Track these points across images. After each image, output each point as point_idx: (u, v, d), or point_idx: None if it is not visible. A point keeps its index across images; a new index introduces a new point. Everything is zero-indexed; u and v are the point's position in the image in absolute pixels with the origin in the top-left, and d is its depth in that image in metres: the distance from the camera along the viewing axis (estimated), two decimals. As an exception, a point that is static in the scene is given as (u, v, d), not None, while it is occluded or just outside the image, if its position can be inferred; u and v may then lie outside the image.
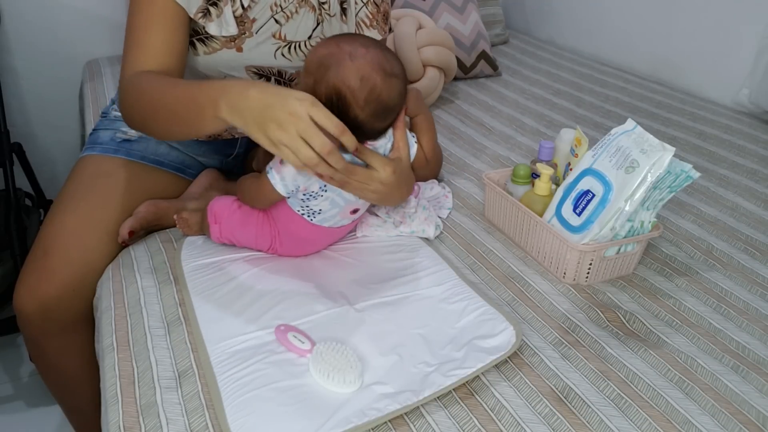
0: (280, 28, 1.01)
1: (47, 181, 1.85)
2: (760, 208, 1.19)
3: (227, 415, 0.68)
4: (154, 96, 0.86)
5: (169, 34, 0.91)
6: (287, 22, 1.01)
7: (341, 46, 0.82)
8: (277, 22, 1.00)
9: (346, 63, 0.81)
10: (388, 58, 0.84)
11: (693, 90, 1.83)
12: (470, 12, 1.91)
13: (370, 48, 0.82)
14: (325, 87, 0.81)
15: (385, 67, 0.82)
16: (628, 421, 0.71)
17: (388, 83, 0.82)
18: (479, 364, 0.75)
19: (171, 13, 0.91)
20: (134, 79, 0.89)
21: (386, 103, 0.84)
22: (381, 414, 0.68)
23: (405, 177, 0.91)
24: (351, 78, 0.80)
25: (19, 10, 1.81)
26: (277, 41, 1.01)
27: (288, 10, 1.00)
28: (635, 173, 0.87)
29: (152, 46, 0.90)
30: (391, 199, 0.92)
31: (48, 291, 0.97)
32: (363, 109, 0.82)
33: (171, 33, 0.91)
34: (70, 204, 1.02)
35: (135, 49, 0.91)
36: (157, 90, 0.86)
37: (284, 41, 1.02)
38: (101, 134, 1.12)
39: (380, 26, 1.06)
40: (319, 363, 0.72)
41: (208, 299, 0.86)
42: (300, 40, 1.03)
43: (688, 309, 0.91)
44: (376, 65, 0.82)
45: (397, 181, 0.88)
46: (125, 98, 0.91)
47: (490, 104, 1.72)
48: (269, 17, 0.99)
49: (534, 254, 1.01)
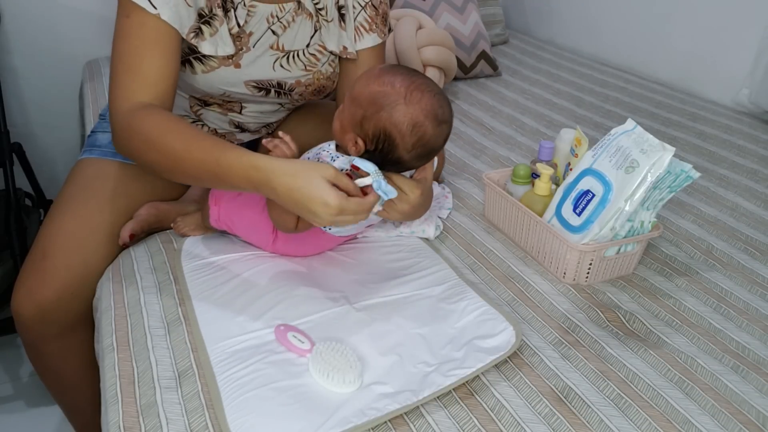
0: (278, 38, 0.99)
1: (47, 181, 1.85)
2: (760, 208, 1.19)
3: (227, 415, 0.68)
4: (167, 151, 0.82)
5: (162, 59, 0.87)
6: (284, 32, 1.00)
7: (396, 86, 0.80)
8: (274, 33, 0.99)
9: (399, 107, 0.80)
10: (442, 104, 0.82)
11: (693, 90, 1.83)
12: (470, 12, 1.91)
13: (425, 93, 0.81)
14: (374, 125, 0.81)
15: (438, 114, 0.81)
16: (628, 421, 0.71)
17: (438, 131, 0.82)
18: (479, 364, 0.75)
19: (163, 36, 0.87)
20: (132, 119, 0.84)
21: (432, 148, 0.84)
22: (380, 414, 0.68)
23: (428, 195, 0.91)
24: (404, 124, 0.80)
25: (19, 10, 1.81)
26: (275, 52, 1.00)
27: (285, 20, 0.98)
28: (635, 173, 0.87)
29: (146, 74, 0.86)
30: (414, 216, 0.92)
31: (46, 295, 0.96)
32: (409, 152, 0.82)
33: (165, 57, 0.87)
34: (68, 207, 1.02)
35: (127, 76, 0.86)
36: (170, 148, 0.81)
37: (282, 51, 1.01)
38: (99, 137, 1.12)
39: (379, 29, 1.05)
40: (319, 363, 0.72)
41: (208, 299, 0.86)
42: (298, 49, 1.02)
43: (688, 309, 0.91)
44: (430, 113, 0.81)
45: (423, 200, 0.88)
46: (122, 135, 0.86)
47: (490, 104, 1.72)
48: (266, 29, 0.98)
49: (534, 254, 1.01)
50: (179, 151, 0.81)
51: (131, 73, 0.86)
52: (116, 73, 0.88)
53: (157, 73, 0.87)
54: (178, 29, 0.88)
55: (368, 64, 1.05)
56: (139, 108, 0.85)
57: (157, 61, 0.87)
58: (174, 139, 0.81)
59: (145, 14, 0.85)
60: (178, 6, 0.87)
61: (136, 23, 0.86)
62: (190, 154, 0.80)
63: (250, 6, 0.95)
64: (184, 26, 0.89)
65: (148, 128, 0.83)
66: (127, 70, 0.86)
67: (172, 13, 0.87)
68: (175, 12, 0.87)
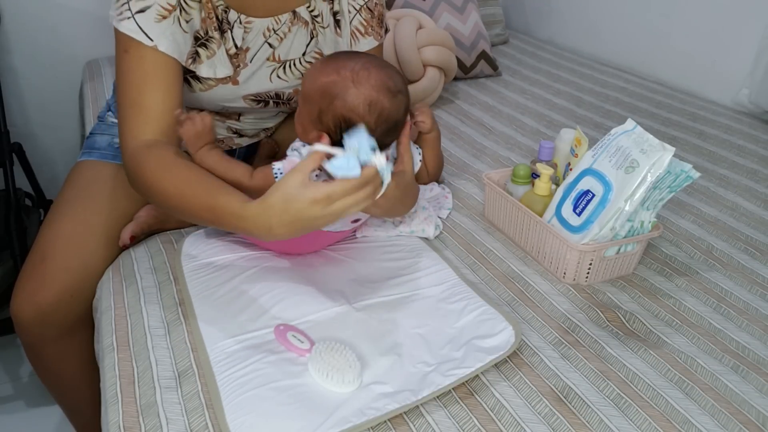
0: (274, 50, 0.99)
1: (47, 181, 1.85)
2: (760, 208, 1.19)
3: (227, 415, 0.68)
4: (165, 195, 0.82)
5: (165, 92, 0.87)
6: (281, 43, 0.99)
7: (341, 72, 0.81)
8: (270, 45, 0.98)
9: (350, 91, 0.80)
10: (391, 76, 0.83)
11: (693, 90, 1.83)
12: (470, 12, 1.91)
13: (372, 69, 0.81)
14: (332, 116, 0.81)
15: (389, 86, 0.82)
16: (628, 421, 0.71)
17: (395, 102, 0.83)
18: (478, 364, 0.75)
19: (163, 68, 0.86)
20: (140, 157, 0.84)
21: (396, 121, 0.84)
22: (380, 413, 0.68)
23: (409, 190, 0.91)
24: (359, 105, 0.80)
25: (19, 10, 1.81)
26: (272, 64, 1.00)
27: (281, 31, 0.98)
28: (635, 173, 0.87)
29: (149, 109, 0.86)
30: (395, 212, 0.92)
31: (46, 298, 0.96)
32: (374, 131, 0.81)
33: (167, 90, 0.87)
34: (67, 210, 1.01)
35: (132, 113, 0.86)
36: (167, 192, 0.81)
37: (279, 62, 1.00)
38: (98, 139, 1.11)
39: (375, 31, 1.04)
40: (318, 362, 0.72)
41: (207, 299, 0.86)
42: (294, 58, 1.01)
43: (688, 309, 0.91)
44: (382, 87, 0.81)
45: (401, 194, 0.87)
46: (129, 174, 0.87)
47: (490, 104, 1.72)
48: (262, 43, 0.97)
49: (534, 254, 1.01)
50: (174, 196, 0.81)
51: (135, 110, 0.86)
52: (122, 110, 0.87)
53: (160, 106, 0.86)
54: (178, 58, 0.88)
55: None
56: (144, 147, 0.85)
57: (160, 95, 0.86)
58: (169, 183, 0.81)
59: (143, 47, 0.85)
60: (175, 34, 0.87)
61: (134, 57, 0.86)
62: (185, 199, 0.80)
63: (246, 23, 0.94)
64: (182, 53, 0.89)
65: (149, 170, 0.83)
66: (131, 106, 0.86)
67: (170, 43, 0.86)
68: (172, 41, 0.86)
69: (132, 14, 0.84)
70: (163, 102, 0.86)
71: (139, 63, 0.85)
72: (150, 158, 0.84)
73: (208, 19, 0.90)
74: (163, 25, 0.85)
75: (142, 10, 0.84)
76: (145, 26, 0.85)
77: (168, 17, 0.86)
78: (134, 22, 0.84)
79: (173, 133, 0.88)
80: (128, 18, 0.84)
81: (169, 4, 0.86)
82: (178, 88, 0.89)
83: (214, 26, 0.91)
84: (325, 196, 0.71)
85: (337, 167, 0.72)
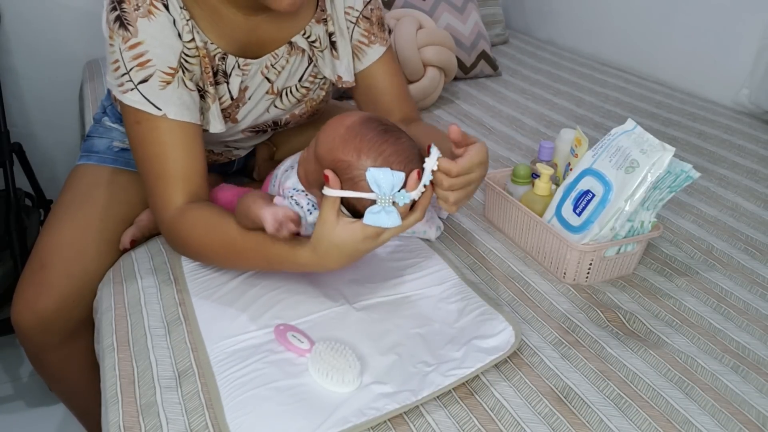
0: (272, 84, 0.97)
1: (47, 181, 1.85)
2: (760, 208, 1.19)
3: (227, 415, 0.68)
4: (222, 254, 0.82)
5: (187, 156, 0.85)
6: (278, 76, 0.97)
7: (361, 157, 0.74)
8: (268, 80, 0.96)
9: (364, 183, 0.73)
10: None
11: (693, 90, 1.83)
12: (470, 12, 1.91)
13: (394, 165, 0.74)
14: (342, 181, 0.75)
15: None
16: (628, 421, 0.71)
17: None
18: (478, 364, 0.75)
19: (179, 133, 0.84)
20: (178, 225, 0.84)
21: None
22: (380, 413, 0.68)
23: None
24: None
25: (19, 10, 1.81)
26: (270, 96, 0.98)
27: (278, 65, 0.95)
28: (635, 173, 0.87)
29: (175, 176, 0.84)
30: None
31: (47, 305, 0.96)
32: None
33: (188, 152, 0.85)
34: (67, 215, 1.01)
35: (160, 183, 0.84)
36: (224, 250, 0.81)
37: (276, 93, 0.99)
38: (96, 142, 1.11)
39: (379, 37, 1.01)
40: (318, 362, 0.72)
41: (208, 299, 0.86)
42: (290, 85, 0.99)
43: (688, 309, 0.91)
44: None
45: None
46: (174, 242, 0.86)
47: (490, 104, 1.72)
48: (261, 80, 0.95)
49: (534, 254, 1.01)
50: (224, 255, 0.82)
51: (162, 181, 0.84)
52: (148, 182, 0.86)
53: (186, 170, 0.85)
54: (189, 120, 0.85)
55: (382, 75, 1.02)
56: (178, 215, 0.84)
57: (182, 160, 0.84)
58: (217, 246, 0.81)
59: (153, 118, 0.83)
60: (182, 97, 0.84)
61: (147, 129, 0.84)
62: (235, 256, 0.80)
63: (244, 66, 0.92)
64: (193, 113, 0.86)
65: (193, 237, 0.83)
66: (157, 179, 0.85)
67: (178, 108, 0.83)
68: (180, 105, 0.84)
69: (135, 85, 0.81)
70: (187, 165, 0.85)
71: (154, 134, 0.83)
72: (187, 225, 0.83)
73: (204, 74, 0.88)
74: (168, 92, 0.83)
75: (144, 80, 0.81)
76: (151, 96, 0.82)
77: (172, 82, 0.83)
78: (138, 93, 0.82)
79: (203, 187, 0.87)
80: (131, 90, 0.82)
81: (170, 68, 0.83)
82: (198, 145, 0.87)
83: (210, 81, 0.88)
84: (375, 233, 0.71)
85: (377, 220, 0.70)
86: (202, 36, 0.86)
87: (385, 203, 0.70)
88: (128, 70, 0.81)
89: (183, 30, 0.83)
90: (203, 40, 0.86)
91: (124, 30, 0.80)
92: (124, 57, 0.81)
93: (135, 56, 0.81)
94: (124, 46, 0.81)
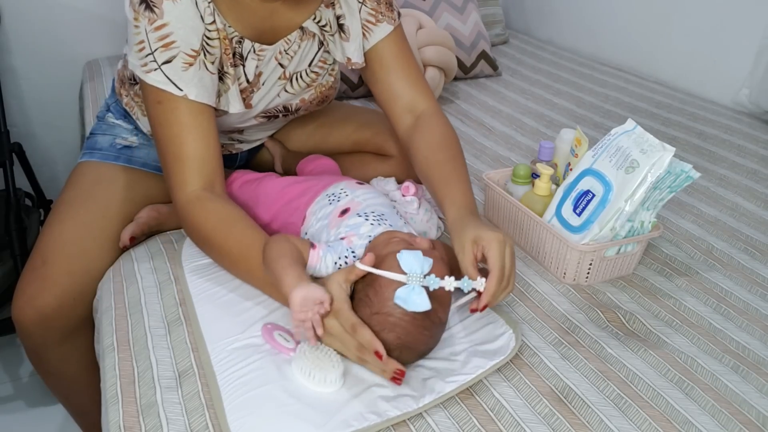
0: (285, 69, 0.99)
1: (47, 181, 1.85)
2: (760, 208, 1.19)
3: (227, 415, 0.68)
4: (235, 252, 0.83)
5: (204, 138, 0.87)
6: (291, 61, 0.99)
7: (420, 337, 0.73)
8: (281, 65, 0.98)
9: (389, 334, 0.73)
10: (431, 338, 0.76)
11: (693, 90, 1.83)
12: (470, 12, 1.91)
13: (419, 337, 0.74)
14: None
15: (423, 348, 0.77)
16: (628, 421, 0.71)
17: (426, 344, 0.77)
18: (479, 371, 0.75)
19: (198, 115, 0.86)
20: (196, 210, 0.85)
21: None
22: (381, 419, 0.68)
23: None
24: (392, 340, 0.73)
25: (19, 10, 1.81)
26: (282, 81, 1.00)
27: (291, 50, 0.97)
28: (635, 173, 0.87)
29: (192, 158, 0.86)
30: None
31: (48, 301, 0.96)
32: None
33: (205, 136, 0.87)
34: (68, 212, 1.01)
35: (178, 165, 0.86)
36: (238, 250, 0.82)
37: (287, 78, 1.00)
38: (99, 139, 1.11)
39: (386, 16, 1.00)
40: (302, 361, 0.72)
41: (208, 299, 0.86)
42: (300, 70, 1.01)
43: (688, 309, 0.91)
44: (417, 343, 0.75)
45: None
46: (188, 224, 0.87)
47: (490, 104, 1.72)
48: (275, 66, 0.97)
49: (534, 254, 1.01)
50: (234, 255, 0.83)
51: (180, 162, 0.86)
52: (166, 164, 0.88)
53: (203, 153, 0.87)
54: (208, 102, 0.87)
55: (389, 53, 1.01)
56: (197, 199, 0.85)
57: (200, 142, 0.86)
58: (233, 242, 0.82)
59: (175, 98, 0.85)
60: (203, 79, 0.86)
61: (168, 109, 0.86)
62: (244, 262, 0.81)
63: (260, 51, 0.94)
64: (212, 95, 0.88)
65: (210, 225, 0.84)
66: (175, 160, 0.86)
67: (199, 90, 0.86)
68: (200, 87, 0.86)
69: (158, 65, 0.84)
70: (204, 148, 0.87)
71: (174, 114, 0.86)
72: (201, 214, 0.85)
73: (224, 55, 0.90)
74: (190, 73, 0.85)
75: (168, 61, 0.84)
76: (174, 77, 0.84)
77: (194, 63, 0.85)
78: (162, 74, 0.84)
79: (220, 174, 0.89)
80: (155, 69, 0.84)
81: (192, 50, 0.85)
82: (214, 130, 0.89)
83: (230, 62, 0.91)
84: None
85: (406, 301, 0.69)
86: (222, 19, 0.88)
87: (415, 283, 0.70)
88: (153, 51, 0.83)
89: (204, 12, 0.85)
90: (223, 22, 0.89)
91: (150, 12, 0.82)
92: (150, 38, 0.83)
93: (160, 37, 0.83)
94: (150, 27, 0.82)
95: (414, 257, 0.71)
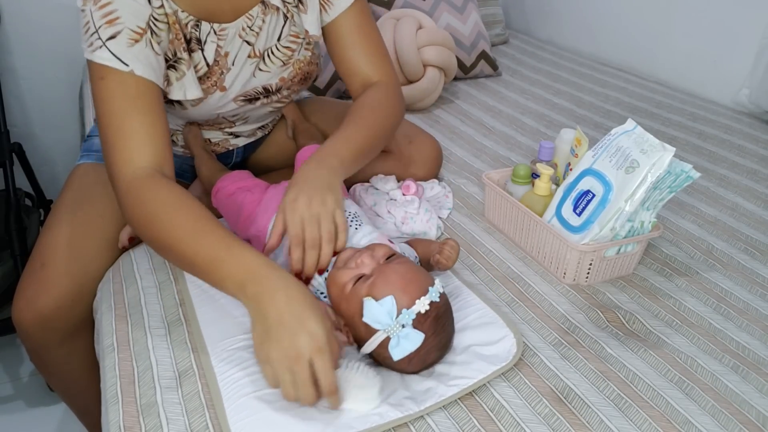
0: (253, 46, 0.97)
1: (47, 181, 1.85)
2: (760, 208, 1.19)
3: (227, 416, 0.68)
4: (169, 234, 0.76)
5: (151, 114, 0.82)
6: (257, 38, 0.97)
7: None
8: (248, 43, 0.96)
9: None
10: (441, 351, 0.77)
11: (693, 90, 1.83)
12: (470, 12, 1.91)
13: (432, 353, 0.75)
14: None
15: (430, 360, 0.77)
16: (628, 421, 0.71)
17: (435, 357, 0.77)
18: (480, 375, 0.75)
19: (144, 91, 0.82)
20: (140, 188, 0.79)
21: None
22: (383, 421, 0.68)
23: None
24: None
25: (19, 10, 1.80)
26: (254, 60, 0.98)
27: (255, 26, 0.95)
28: (635, 173, 0.87)
29: (138, 134, 0.81)
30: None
31: (47, 303, 0.96)
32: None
33: (152, 113, 0.83)
34: (67, 214, 1.01)
35: (121, 139, 0.81)
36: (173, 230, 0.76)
37: (259, 56, 0.98)
38: (96, 141, 1.11)
39: None
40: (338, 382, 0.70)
41: (208, 299, 0.86)
42: (270, 46, 0.99)
43: (688, 309, 0.91)
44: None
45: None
46: (127, 202, 0.80)
47: (490, 104, 1.72)
48: (240, 43, 0.95)
49: (534, 254, 1.01)
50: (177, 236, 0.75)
51: (123, 137, 0.81)
52: (107, 140, 0.82)
53: (149, 130, 0.82)
54: (155, 81, 0.84)
55: (349, 27, 0.99)
56: (145, 177, 0.80)
57: (147, 118, 0.82)
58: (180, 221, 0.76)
59: (119, 73, 0.81)
60: (149, 57, 0.84)
61: (112, 84, 0.82)
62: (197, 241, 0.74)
63: (221, 31, 0.92)
64: (159, 77, 0.85)
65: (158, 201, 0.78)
66: (118, 134, 0.81)
67: (145, 66, 0.83)
68: (146, 64, 0.83)
69: (103, 42, 0.80)
70: (151, 125, 0.82)
71: (118, 88, 0.82)
72: (159, 187, 0.79)
73: (176, 40, 0.88)
74: (136, 49, 0.82)
75: (112, 37, 0.81)
76: (118, 52, 0.81)
77: (140, 41, 0.82)
78: (107, 50, 0.81)
79: (168, 154, 0.84)
80: (100, 47, 0.81)
81: (138, 27, 0.82)
82: (162, 111, 0.85)
83: (182, 47, 0.88)
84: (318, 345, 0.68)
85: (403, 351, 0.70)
86: (171, 5, 0.86)
87: (395, 332, 0.70)
88: (97, 29, 0.81)
89: None
90: (173, 8, 0.87)
91: None
92: (94, 17, 0.81)
93: (104, 15, 0.81)
94: (94, 7, 0.81)
95: (378, 310, 0.70)
